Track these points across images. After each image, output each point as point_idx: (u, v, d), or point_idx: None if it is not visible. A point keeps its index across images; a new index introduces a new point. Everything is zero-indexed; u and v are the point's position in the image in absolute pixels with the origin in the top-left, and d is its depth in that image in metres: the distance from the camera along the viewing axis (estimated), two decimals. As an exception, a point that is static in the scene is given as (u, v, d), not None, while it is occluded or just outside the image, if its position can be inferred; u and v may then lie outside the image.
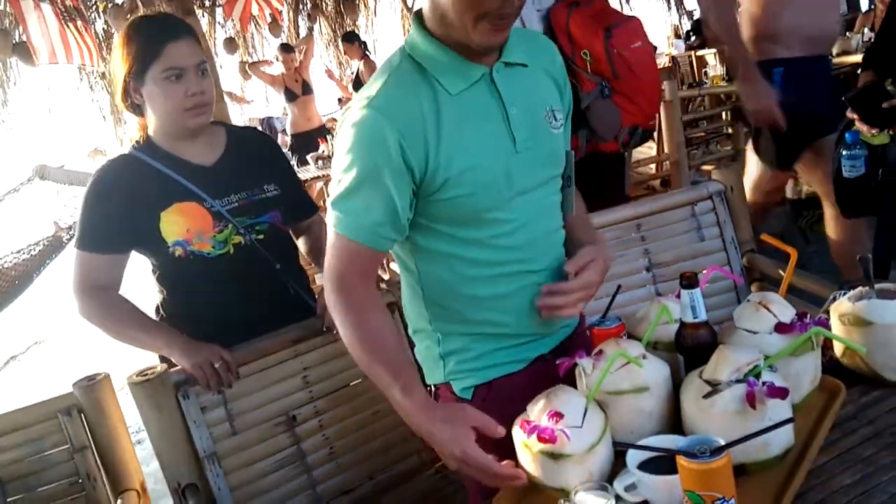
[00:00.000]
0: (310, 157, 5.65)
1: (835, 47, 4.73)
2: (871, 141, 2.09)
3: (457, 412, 1.20)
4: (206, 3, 8.64)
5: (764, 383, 1.07)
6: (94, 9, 6.73)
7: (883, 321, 1.21)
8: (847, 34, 5.78)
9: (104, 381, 1.70)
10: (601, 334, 1.34)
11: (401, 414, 1.23)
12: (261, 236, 1.80)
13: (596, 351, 1.24)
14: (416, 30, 1.28)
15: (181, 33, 1.70)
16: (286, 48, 7.18)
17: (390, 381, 1.23)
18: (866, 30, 5.93)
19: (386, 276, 3.88)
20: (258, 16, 8.95)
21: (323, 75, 8.64)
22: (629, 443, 1.10)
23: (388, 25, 11.16)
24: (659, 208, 2.11)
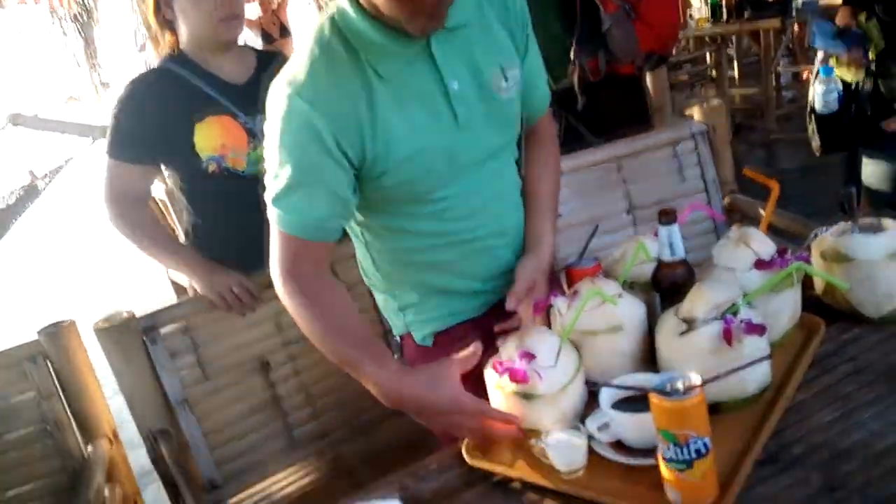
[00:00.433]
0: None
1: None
2: (846, 77, 2.06)
3: (439, 369, 1.13)
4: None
5: (742, 320, 1.04)
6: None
7: (865, 257, 1.18)
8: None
9: (69, 328, 1.66)
10: (577, 274, 1.31)
11: (378, 391, 1.15)
12: None
13: (571, 291, 1.21)
14: None
15: None
16: (263, -11, 6.96)
17: (360, 359, 1.16)
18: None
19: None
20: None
21: (301, 17, 8.40)
22: (602, 381, 1.07)
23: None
24: (640, 149, 2.06)
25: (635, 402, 1.01)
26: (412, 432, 1.83)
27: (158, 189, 2.94)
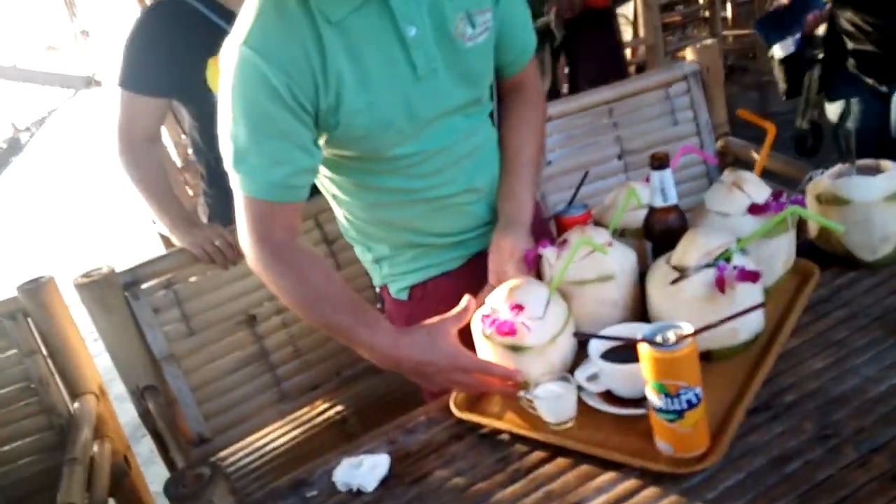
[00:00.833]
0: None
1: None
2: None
3: (435, 328, 1.10)
4: None
5: (735, 267, 1.01)
6: None
7: (862, 199, 1.14)
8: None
9: (49, 284, 1.62)
10: (567, 222, 1.27)
11: (373, 355, 1.11)
12: None
13: (560, 240, 1.17)
14: None
15: None
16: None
17: (352, 326, 1.11)
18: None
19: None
20: None
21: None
22: (591, 332, 1.05)
23: None
24: (631, 91, 2.00)
25: (625, 351, 0.99)
26: (404, 381, 1.84)
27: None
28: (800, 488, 0.84)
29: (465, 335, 1.12)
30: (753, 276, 1.00)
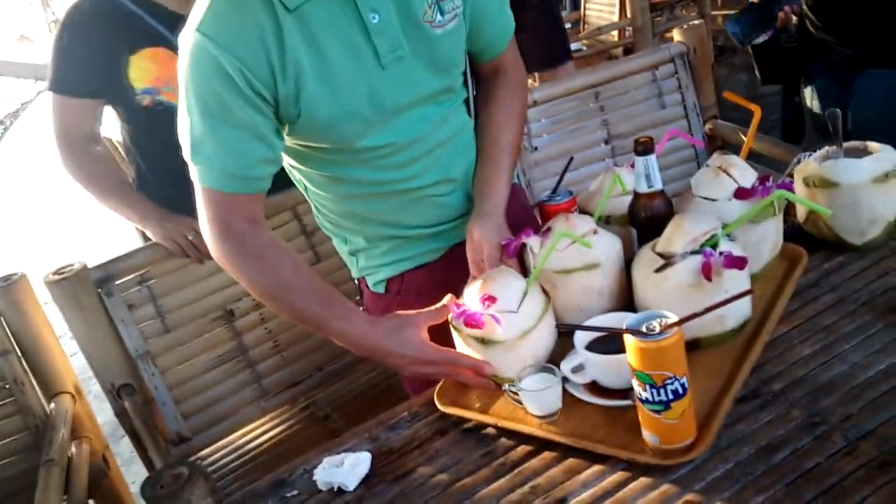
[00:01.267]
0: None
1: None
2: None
3: (404, 320, 1.09)
4: None
5: (721, 253, 0.99)
6: None
7: (850, 181, 1.12)
8: None
9: (21, 282, 1.57)
10: (551, 210, 1.25)
11: (346, 343, 1.11)
12: None
13: (544, 228, 1.14)
14: None
15: None
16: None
17: (324, 316, 1.09)
18: None
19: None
20: None
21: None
22: (573, 324, 1.02)
23: None
24: (618, 74, 1.97)
25: (611, 340, 0.96)
26: (386, 376, 1.81)
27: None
28: (788, 477, 0.82)
29: (446, 329, 1.09)
30: (740, 263, 0.98)
